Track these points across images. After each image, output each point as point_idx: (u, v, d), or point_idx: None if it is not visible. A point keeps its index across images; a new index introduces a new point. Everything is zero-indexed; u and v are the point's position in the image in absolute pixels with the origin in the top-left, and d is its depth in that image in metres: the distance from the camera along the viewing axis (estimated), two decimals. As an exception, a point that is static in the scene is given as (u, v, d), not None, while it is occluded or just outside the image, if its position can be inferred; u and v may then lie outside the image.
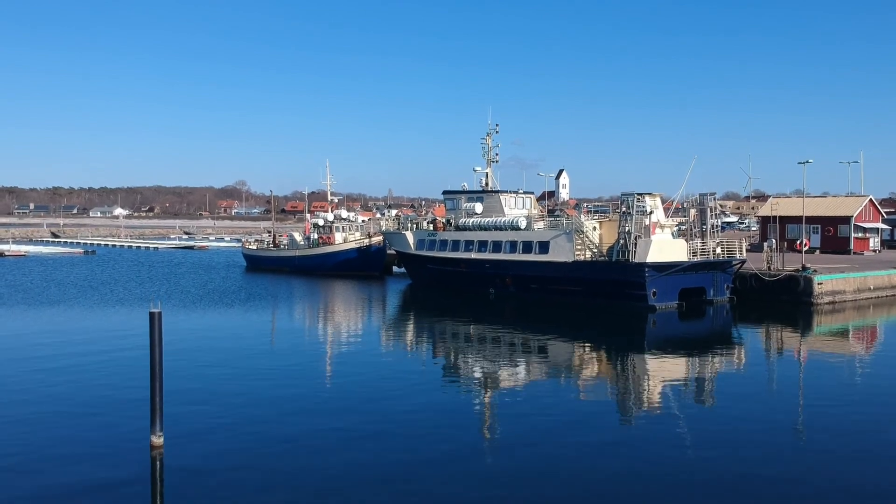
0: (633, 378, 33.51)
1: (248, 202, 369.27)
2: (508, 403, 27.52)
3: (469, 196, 61.93)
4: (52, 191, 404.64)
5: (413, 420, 23.58)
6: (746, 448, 21.39)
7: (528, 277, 53.63)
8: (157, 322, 19.92)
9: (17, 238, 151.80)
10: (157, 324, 19.89)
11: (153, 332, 19.86)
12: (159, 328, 19.94)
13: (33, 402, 24.79)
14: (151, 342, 19.86)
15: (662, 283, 47.64)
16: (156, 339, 19.84)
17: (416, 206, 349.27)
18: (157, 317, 19.97)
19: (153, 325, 19.88)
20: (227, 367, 30.92)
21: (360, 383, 28.32)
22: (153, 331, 19.86)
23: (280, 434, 21.44)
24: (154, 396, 19.70)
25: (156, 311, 20.00)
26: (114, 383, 27.41)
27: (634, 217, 48.45)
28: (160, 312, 20.07)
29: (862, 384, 31.84)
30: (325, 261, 74.01)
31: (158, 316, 20.00)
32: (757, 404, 27.29)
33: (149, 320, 19.95)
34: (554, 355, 38.34)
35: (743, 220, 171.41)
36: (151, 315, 19.95)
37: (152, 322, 19.90)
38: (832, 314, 48.77)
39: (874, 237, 72.06)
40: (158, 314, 20.01)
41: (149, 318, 19.97)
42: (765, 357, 38.06)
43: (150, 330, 19.92)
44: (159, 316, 20.01)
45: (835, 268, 54.20)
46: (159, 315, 20.02)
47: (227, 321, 44.50)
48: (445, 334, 44.00)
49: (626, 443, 22.36)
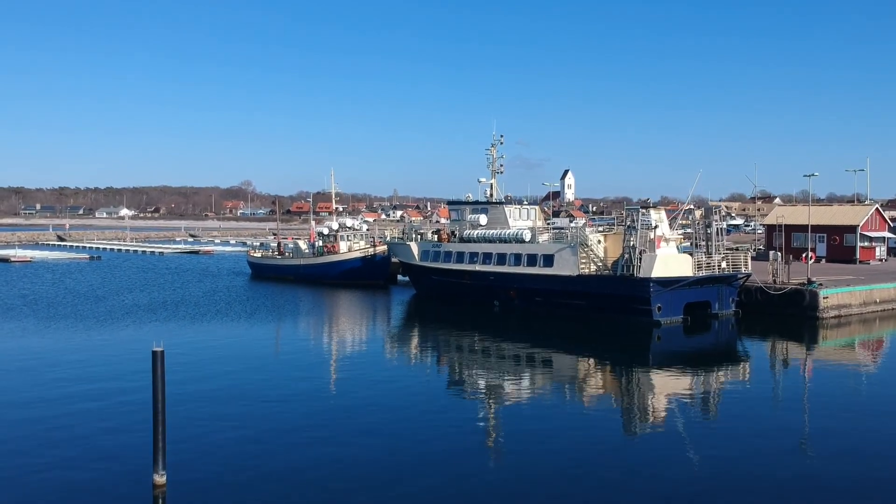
0: (638, 392, 33.52)
1: (254, 202, 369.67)
2: (513, 417, 27.62)
3: (473, 207, 61.86)
4: (58, 191, 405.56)
5: (421, 441, 23.63)
6: (751, 463, 21.37)
7: (532, 290, 53.54)
8: (160, 361, 19.90)
9: (23, 242, 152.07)
10: (159, 363, 19.87)
11: (156, 371, 19.84)
12: (162, 367, 19.92)
13: (34, 435, 24.74)
14: (154, 381, 19.85)
15: (667, 297, 47.50)
16: (158, 378, 19.82)
17: (420, 206, 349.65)
18: (160, 356, 19.95)
19: (155, 364, 19.86)
20: (231, 391, 30.85)
21: (366, 409, 28.16)
22: (156, 370, 19.84)
23: (286, 466, 21.39)
24: (157, 435, 19.69)
25: (158, 349, 19.98)
26: (116, 419, 27.22)
27: (639, 231, 48.32)
28: (163, 351, 20.06)
29: (868, 400, 31.76)
30: (329, 269, 74.07)
31: (161, 355, 19.98)
32: (762, 420, 27.29)
33: (151, 360, 19.93)
34: (558, 369, 38.40)
35: (749, 223, 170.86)
36: (154, 354, 19.94)
37: (155, 361, 19.87)
38: (838, 328, 48.63)
39: (880, 246, 71.71)
40: (161, 353, 19.99)
41: (151, 357, 19.96)
42: (770, 372, 38.05)
43: (152, 369, 19.90)
44: (162, 355, 19.99)
45: (840, 280, 53.96)
46: (162, 354, 20.00)
47: (231, 338, 44.29)
48: (450, 348, 44.15)
49: (631, 457, 22.44)
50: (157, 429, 19.62)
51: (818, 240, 70.99)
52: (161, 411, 19.73)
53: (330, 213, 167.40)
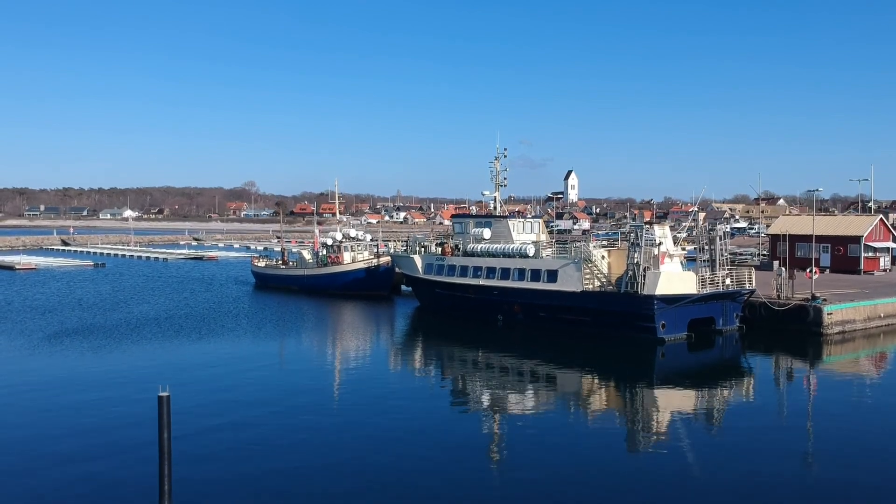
0: (642, 409, 33.63)
1: (258, 203, 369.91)
2: (517, 432, 27.81)
3: (477, 221, 61.90)
4: (62, 192, 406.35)
5: (424, 458, 23.78)
6: (755, 479, 21.49)
7: (536, 306, 53.56)
8: (166, 406, 19.99)
9: (27, 246, 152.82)
10: (165, 408, 19.96)
11: (161, 416, 19.94)
12: (167, 412, 20.02)
13: (38, 467, 24.79)
14: (160, 426, 19.94)
15: (671, 314, 47.51)
16: (164, 422, 19.91)
17: (424, 208, 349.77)
18: (166, 401, 20.05)
19: (161, 409, 19.96)
20: (236, 414, 30.79)
21: (373, 434, 28.19)
22: (161, 415, 19.94)
23: (294, 482, 21.40)
24: (162, 479, 19.79)
25: (164, 394, 20.07)
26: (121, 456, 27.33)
27: (643, 247, 48.31)
28: (168, 396, 20.15)
29: (873, 417, 31.77)
30: (333, 280, 74.21)
31: (167, 400, 20.07)
32: (766, 437, 27.41)
33: (157, 405, 20.03)
34: (562, 385, 38.54)
35: (753, 226, 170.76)
36: (160, 399, 20.03)
37: (161, 407, 19.97)
38: (842, 344, 48.65)
39: (884, 256, 71.63)
40: (167, 398, 20.08)
41: (157, 402, 20.05)
42: (774, 389, 38.17)
43: (158, 414, 20.00)
44: (167, 400, 20.09)
45: (844, 295, 53.89)
46: (167, 399, 20.10)
47: (238, 361, 43.21)
48: (454, 363, 44.47)
49: (635, 474, 22.65)
50: (164, 473, 19.71)
51: (822, 250, 70.90)
52: (167, 455, 19.83)
53: (333, 215, 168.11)
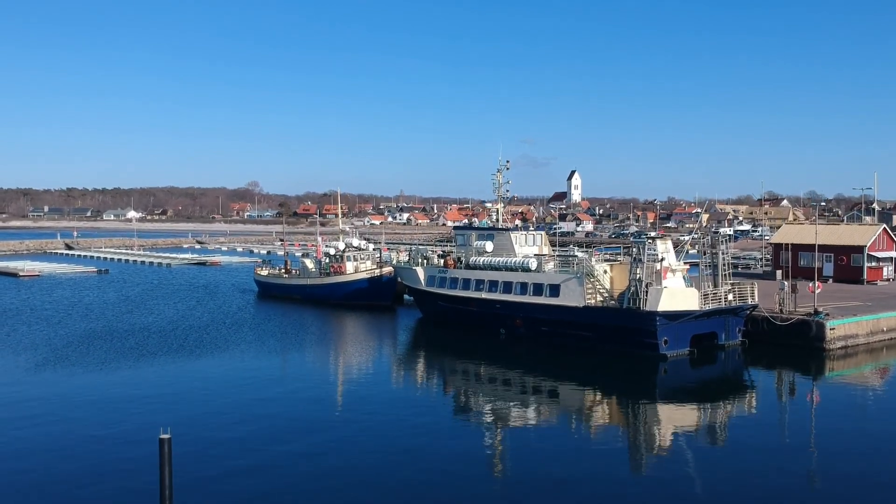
0: (644, 424, 33.70)
1: (261, 204, 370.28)
2: (518, 446, 27.90)
3: (479, 233, 61.88)
4: (66, 192, 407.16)
5: (425, 469, 23.81)
6: (758, 494, 21.50)
7: (538, 320, 53.55)
8: (167, 449, 20.03)
9: (31, 251, 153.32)
10: (166, 451, 20.01)
11: (162, 458, 19.98)
12: (169, 455, 20.07)
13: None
14: (161, 468, 20.00)
15: (674, 330, 47.48)
16: (165, 465, 19.97)
17: (427, 209, 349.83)
18: (167, 443, 20.09)
19: (162, 451, 20.01)
20: (238, 432, 30.80)
21: (375, 449, 28.24)
22: (162, 457, 19.99)
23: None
24: (164, 521, 19.84)
25: (165, 437, 20.12)
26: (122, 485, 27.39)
27: (645, 263, 48.27)
28: (170, 438, 20.20)
29: (875, 431, 31.73)
30: (336, 290, 74.26)
31: (168, 442, 20.11)
32: (768, 451, 27.44)
33: (158, 447, 20.07)
34: (564, 399, 38.61)
35: (756, 228, 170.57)
36: (161, 442, 20.08)
37: (161, 449, 20.02)
38: (845, 359, 48.59)
39: (888, 266, 71.51)
40: (168, 440, 20.13)
41: (158, 444, 20.10)
42: (777, 404, 38.22)
43: (159, 457, 20.04)
44: (169, 442, 20.13)
45: (847, 309, 53.78)
46: (169, 441, 20.14)
47: (240, 381, 42.29)
48: (456, 375, 44.60)
49: (637, 489, 22.63)
50: (165, 514, 19.78)
51: (825, 259, 70.80)
52: (168, 497, 19.88)
53: (336, 216, 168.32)
